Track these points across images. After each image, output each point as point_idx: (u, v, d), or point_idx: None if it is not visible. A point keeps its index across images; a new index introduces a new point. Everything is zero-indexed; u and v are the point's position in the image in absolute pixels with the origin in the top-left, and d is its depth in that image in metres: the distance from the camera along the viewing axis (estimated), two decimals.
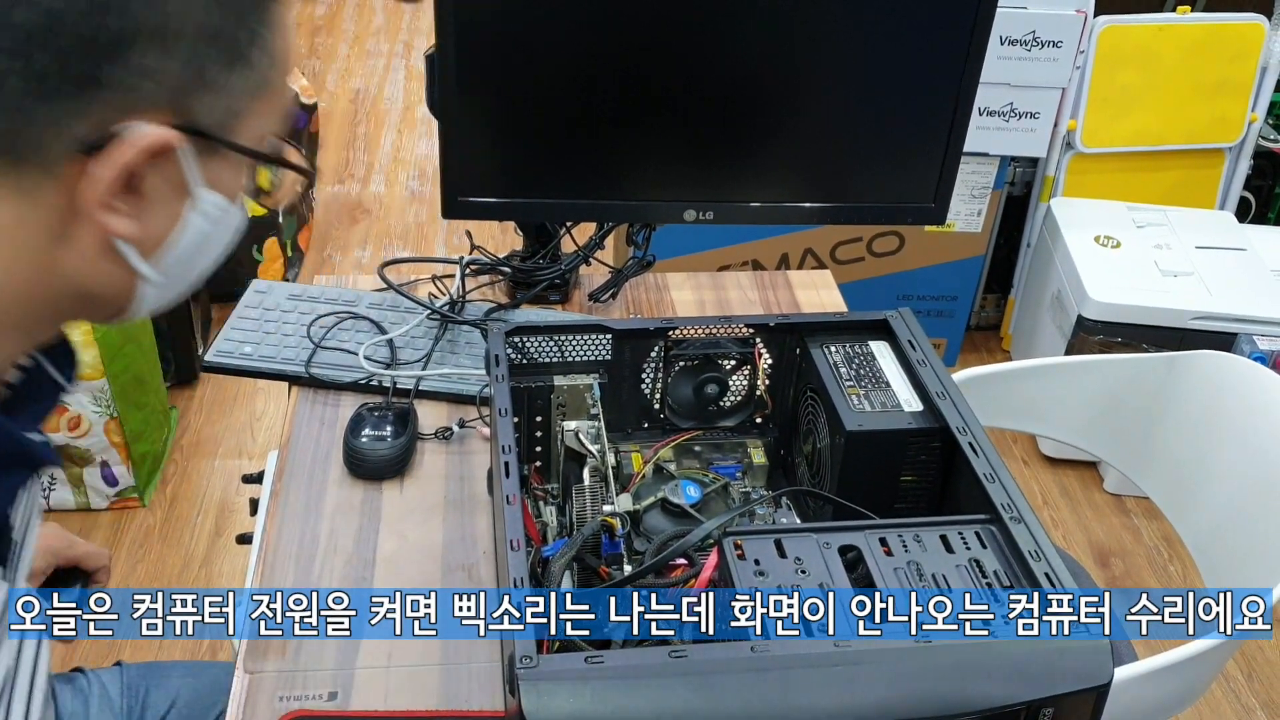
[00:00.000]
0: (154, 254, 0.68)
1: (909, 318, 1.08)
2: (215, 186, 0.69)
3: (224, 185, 0.70)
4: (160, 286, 0.70)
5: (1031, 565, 0.79)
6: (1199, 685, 1.21)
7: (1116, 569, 2.27)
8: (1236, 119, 2.54)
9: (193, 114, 0.65)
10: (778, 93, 1.29)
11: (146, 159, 0.63)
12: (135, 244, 0.66)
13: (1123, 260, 2.38)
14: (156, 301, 0.72)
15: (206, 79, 0.65)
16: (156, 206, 0.66)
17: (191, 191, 0.67)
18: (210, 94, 0.65)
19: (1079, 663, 0.73)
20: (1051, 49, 2.35)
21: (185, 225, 0.68)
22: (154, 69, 0.62)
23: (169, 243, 0.68)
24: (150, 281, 0.69)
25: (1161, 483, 1.48)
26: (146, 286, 0.69)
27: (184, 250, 0.69)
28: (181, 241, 0.69)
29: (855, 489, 0.97)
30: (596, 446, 1.03)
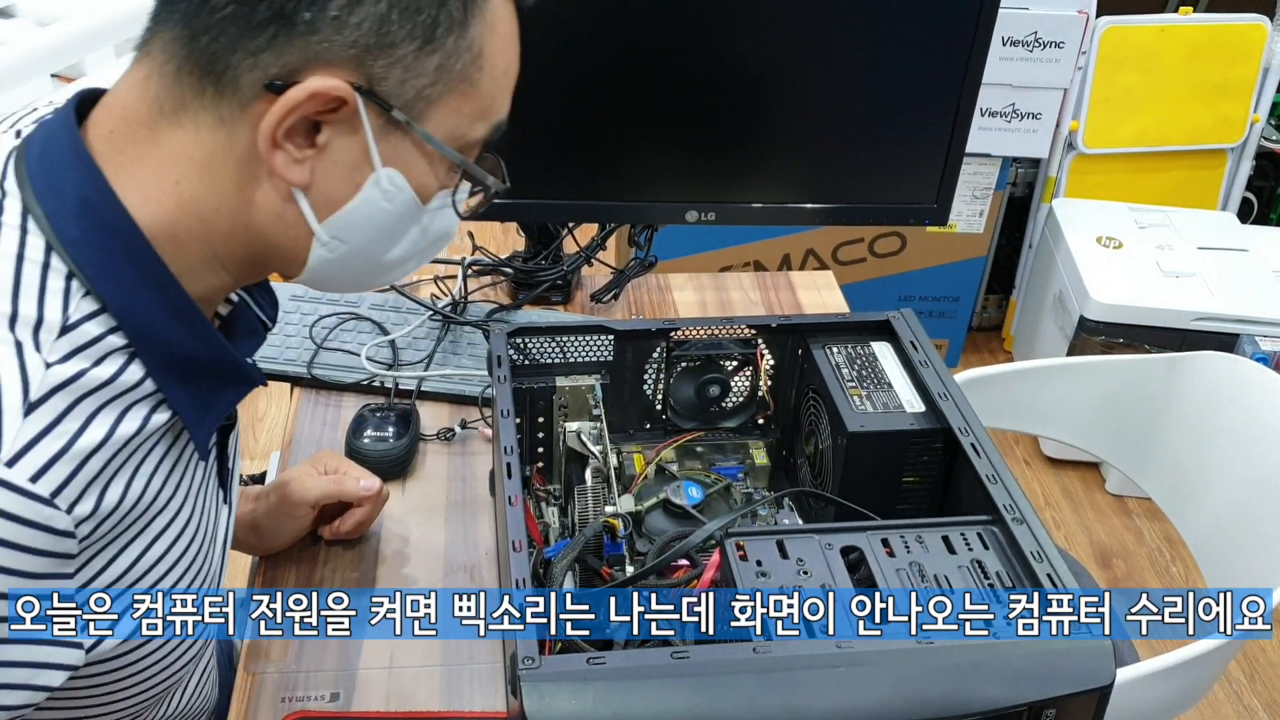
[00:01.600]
0: (328, 215, 0.72)
1: (911, 318, 1.08)
2: (399, 169, 0.72)
3: (410, 170, 0.73)
4: (334, 252, 0.74)
5: (1034, 566, 0.79)
6: (1201, 686, 1.21)
7: (1118, 570, 2.27)
8: (1238, 120, 2.53)
9: (375, 81, 0.68)
10: (780, 93, 1.29)
11: (320, 107, 0.67)
12: (306, 194, 0.70)
13: (1125, 261, 2.37)
14: (334, 271, 0.76)
15: (395, 50, 0.68)
16: (334, 167, 0.70)
17: (372, 163, 0.71)
18: (398, 67, 0.68)
19: (1081, 664, 0.73)
20: (1053, 50, 2.35)
21: (362, 196, 0.72)
22: (346, 22, 0.66)
23: (344, 209, 0.72)
24: (320, 240, 0.73)
25: (1163, 483, 1.48)
26: (318, 247, 0.73)
27: (356, 219, 0.73)
28: (355, 210, 0.72)
29: (857, 490, 0.97)
30: (598, 447, 1.03)
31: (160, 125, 0.69)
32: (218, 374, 0.75)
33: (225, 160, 0.69)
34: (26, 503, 0.63)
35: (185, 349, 0.71)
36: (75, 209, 0.67)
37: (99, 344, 0.67)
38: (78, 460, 0.65)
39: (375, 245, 0.76)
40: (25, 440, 0.63)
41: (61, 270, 0.67)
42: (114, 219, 0.68)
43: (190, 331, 0.72)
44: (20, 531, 0.63)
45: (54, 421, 0.64)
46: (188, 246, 0.71)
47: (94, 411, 0.66)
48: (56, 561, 0.66)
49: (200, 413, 0.74)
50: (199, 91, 0.68)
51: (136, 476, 0.70)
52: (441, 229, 0.80)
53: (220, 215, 0.71)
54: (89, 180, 0.68)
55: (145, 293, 0.69)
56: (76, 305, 0.67)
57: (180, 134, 0.69)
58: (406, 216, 0.76)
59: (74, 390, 0.65)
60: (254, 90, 0.67)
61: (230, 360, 0.75)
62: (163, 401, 0.71)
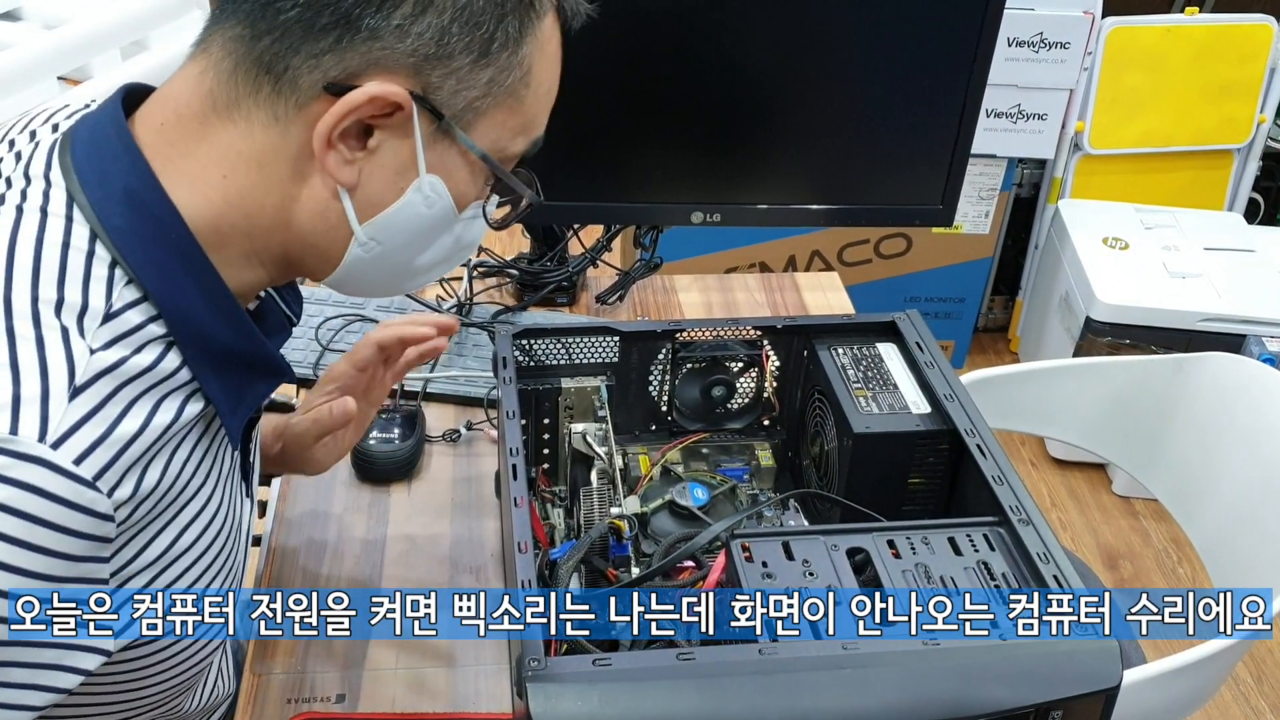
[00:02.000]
0: (369, 217, 0.74)
1: (917, 319, 1.08)
2: (442, 176, 0.74)
3: (452, 179, 0.75)
4: (369, 252, 0.75)
5: (1040, 568, 0.79)
6: (1208, 688, 1.21)
7: (1125, 571, 2.27)
8: (1245, 120, 2.53)
9: (430, 89, 0.70)
10: (785, 95, 1.29)
11: (378, 110, 0.69)
12: (351, 194, 0.72)
13: (1131, 262, 2.37)
14: (366, 271, 0.77)
15: (452, 62, 0.70)
16: (380, 170, 0.72)
17: (417, 169, 0.73)
18: (453, 78, 0.71)
19: (1087, 665, 0.73)
20: (1059, 50, 2.34)
21: (404, 200, 0.74)
22: (409, 31, 0.68)
23: (385, 211, 0.74)
24: (359, 241, 0.74)
25: (1170, 485, 1.48)
26: (355, 246, 0.75)
27: (396, 222, 0.75)
28: (396, 213, 0.74)
29: (863, 491, 0.97)
30: (604, 449, 1.03)
31: (212, 120, 0.70)
32: (252, 366, 0.76)
33: (276, 157, 0.71)
34: (71, 485, 0.63)
35: (222, 340, 0.73)
36: (121, 198, 0.69)
37: (140, 332, 0.68)
38: (119, 445, 0.66)
39: (409, 249, 0.78)
40: (70, 423, 0.64)
41: (105, 258, 0.68)
42: (159, 209, 0.69)
43: (227, 323, 0.73)
44: (63, 514, 0.64)
45: (98, 406, 0.65)
46: (230, 240, 0.73)
47: (134, 398, 0.68)
48: (95, 545, 0.67)
49: (234, 403, 0.75)
50: (255, 89, 0.69)
51: (172, 462, 0.71)
52: (471, 238, 0.82)
53: (264, 211, 0.72)
54: (135, 171, 0.69)
55: (186, 283, 0.70)
56: (119, 293, 0.68)
57: (232, 130, 0.70)
58: (442, 223, 0.77)
59: (116, 376, 0.66)
60: (313, 91, 0.69)
61: (264, 352, 0.77)
62: (197, 391, 0.72)
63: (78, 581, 0.67)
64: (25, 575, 0.63)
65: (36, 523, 0.62)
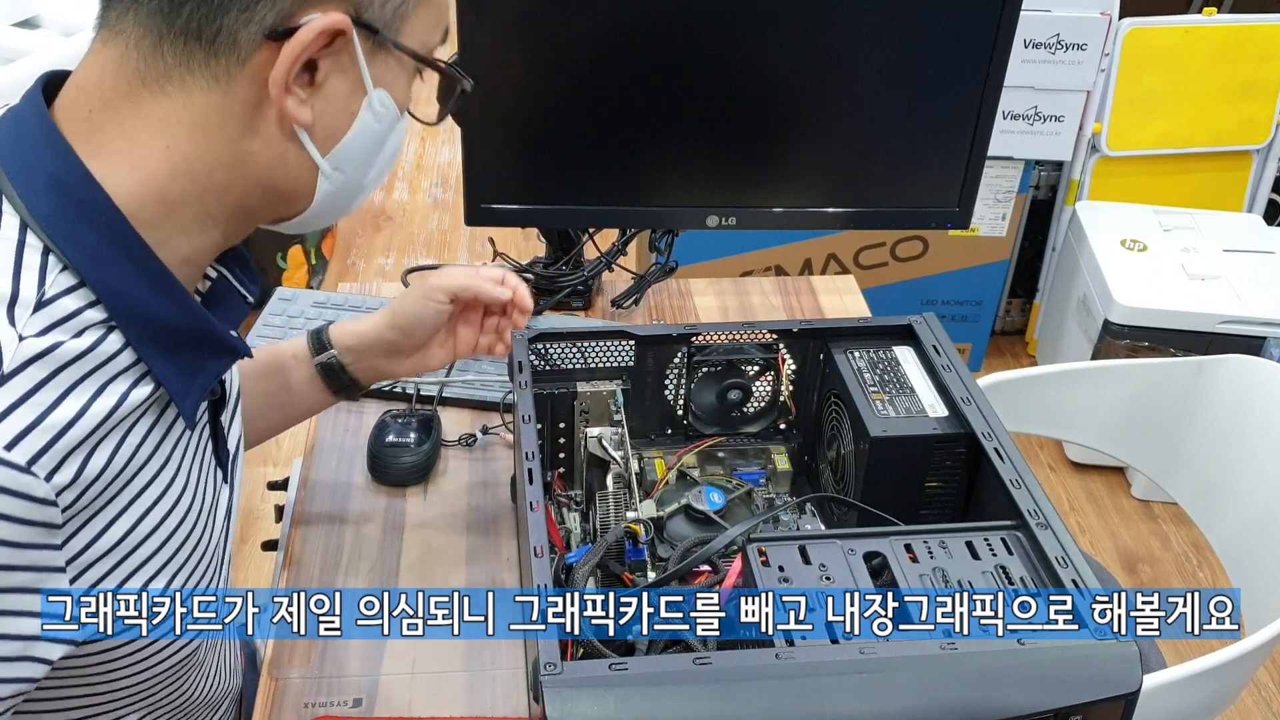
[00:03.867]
0: (330, 149, 0.75)
1: (933, 322, 1.08)
2: (385, 87, 0.75)
3: (394, 88, 0.77)
4: (334, 183, 0.77)
5: (1058, 571, 0.78)
6: (1229, 693, 1.20)
7: (1144, 575, 2.25)
8: (1264, 121, 2.51)
9: (361, 7, 0.71)
10: (800, 98, 1.29)
11: (323, 43, 0.70)
12: (311, 133, 0.73)
13: (1149, 264, 2.36)
14: (331, 203, 0.78)
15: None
16: (332, 101, 0.73)
17: (365, 88, 0.74)
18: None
19: (1107, 669, 0.73)
20: (1076, 52, 2.34)
21: (358, 122, 0.75)
22: None
23: (344, 138, 0.75)
24: (325, 175, 0.76)
25: (1190, 488, 1.47)
26: (323, 181, 0.76)
27: (356, 147, 0.76)
28: (355, 138, 0.76)
29: (880, 495, 0.97)
30: (620, 453, 1.02)
31: (143, 96, 0.70)
32: (200, 344, 0.75)
33: (223, 117, 0.71)
34: (4, 470, 0.63)
35: (164, 318, 0.72)
36: (47, 187, 0.69)
37: (77, 318, 0.68)
38: (55, 430, 0.66)
39: (366, 167, 0.79)
40: (0, 409, 0.63)
41: (37, 246, 0.68)
42: (85, 194, 0.69)
43: (169, 301, 0.72)
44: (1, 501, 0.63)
45: (29, 392, 0.65)
46: (179, 208, 0.72)
47: (73, 384, 0.67)
48: (41, 531, 0.66)
49: (185, 384, 0.74)
50: (187, 58, 0.69)
51: (122, 446, 0.71)
52: (396, 144, 0.83)
53: (215, 171, 0.72)
54: (59, 159, 0.69)
55: (121, 265, 0.70)
56: (53, 280, 0.68)
57: (167, 102, 0.70)
58: (393, 132, 0.79)
59: (50, 361, 0.66)
60: (253, 44, 0.69)
61: (211, 329, 0.76)
62: (146, 374, 0.72)
63: (30, 570, 0.67)
64: None
65: None
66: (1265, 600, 1.25)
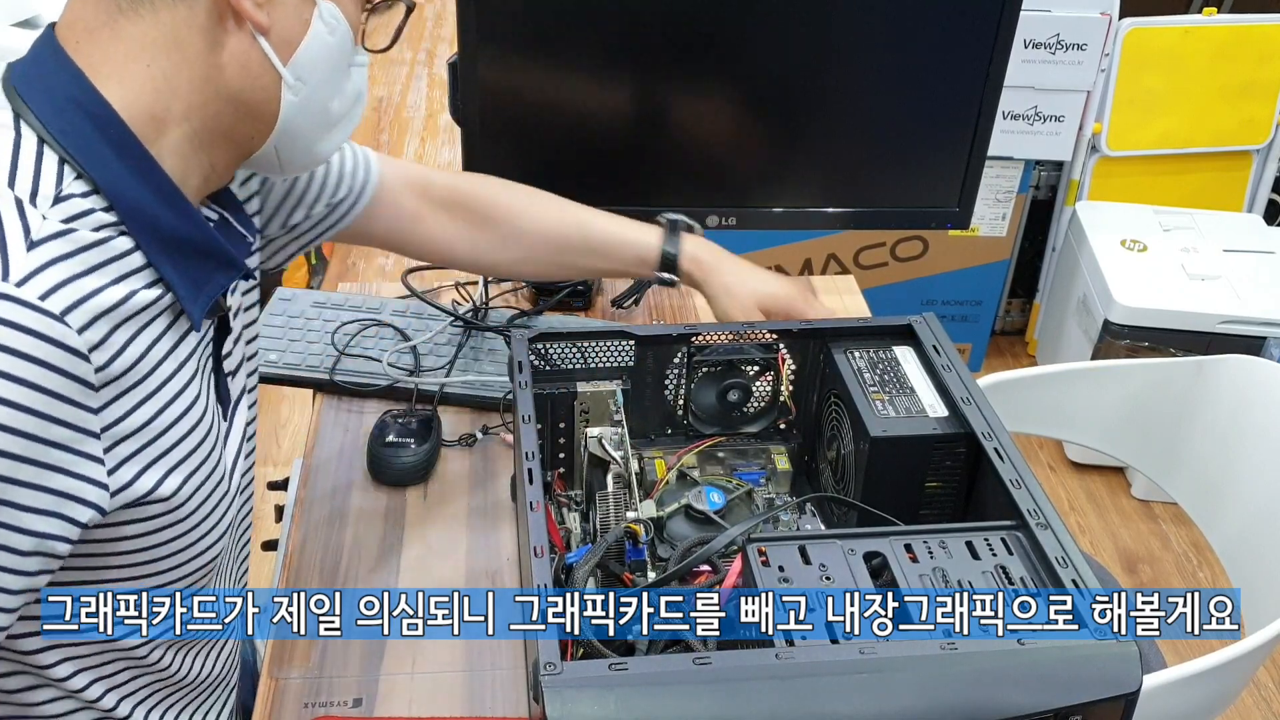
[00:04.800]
0: (288, 57, 0.79)
1: (933, 322, 1.08)
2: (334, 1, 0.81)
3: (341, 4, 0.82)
4: (298, 94, 0.81)
5: (1058, 571, 0.78)
6: (1229, 693, 1.20)
7: (1144, 575, 2.25)
8: (1264, 121, 2.51)
9: None
10: (800, 98, 1.29)
11: None
12: (269, 38, 0.78)
13: (1149, 264, 2.36)
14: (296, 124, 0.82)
15: None
16: (285, 7, 0.78)
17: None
18: None
19: (1107, 669, 0.72)
20: (1076, 52, 2.34)
21: (312, 30, 0.80)
22: None
23: (300, 46, 0.80)
24: (288, 84, 0.80)
25: (1190, 488, 1.47)
26: (286, 91, 0.80)
27: (310, 55, 0.80)
28: (308, 46, 0.80)
29: (880, 495, 0.97)
30: (620, 453, 1.02)
31: (119, 20, 0.75)
32: (205, 255, 0.80)
33: (189, 32, 0.75)
34: (40, 317, 0.67)
35: (171, 227, 0.76)
36: (63, 105, 0.74)
37: (92, 215, 0.73)
38: (82, 294, 0.70)
39: (327, 86, 0.83)
40: (32, 267, 0.68)
41: (53, 157, 0.73)
42: (95, 108, 0.74)
43: (174, 211, 0.77)
44: (37, 345, 0.67)
45: (56, 258, 0.69)
46: (168, 126, 0.77)
47: (91, 266, 0.72)
48: (78, 387, 0.70)
49: (193, 290, 0.79)
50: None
51: (139, 338, 0.75)
52: (358, 86, 0.88)
53: (193, 86, 0.77)
54: (74, 80, 0.74)
55: (130, 176, 0.74)
56: (69, 184, 0.72)
57: (140, 23, 0.75)
58: (344, 56, 0.84)
59: (70, 241, 0.71)
60: None
61: (215, 241, 0.80)
62: (157, 280, 0.76)
63: (68, 427, 0.70)
64: (10, 406, 0.67)
65: (12, 354, 0.66)
66: (1265, 600, 1.25)
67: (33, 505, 0.70)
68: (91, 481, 0.73)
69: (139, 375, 0.75)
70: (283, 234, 1.08)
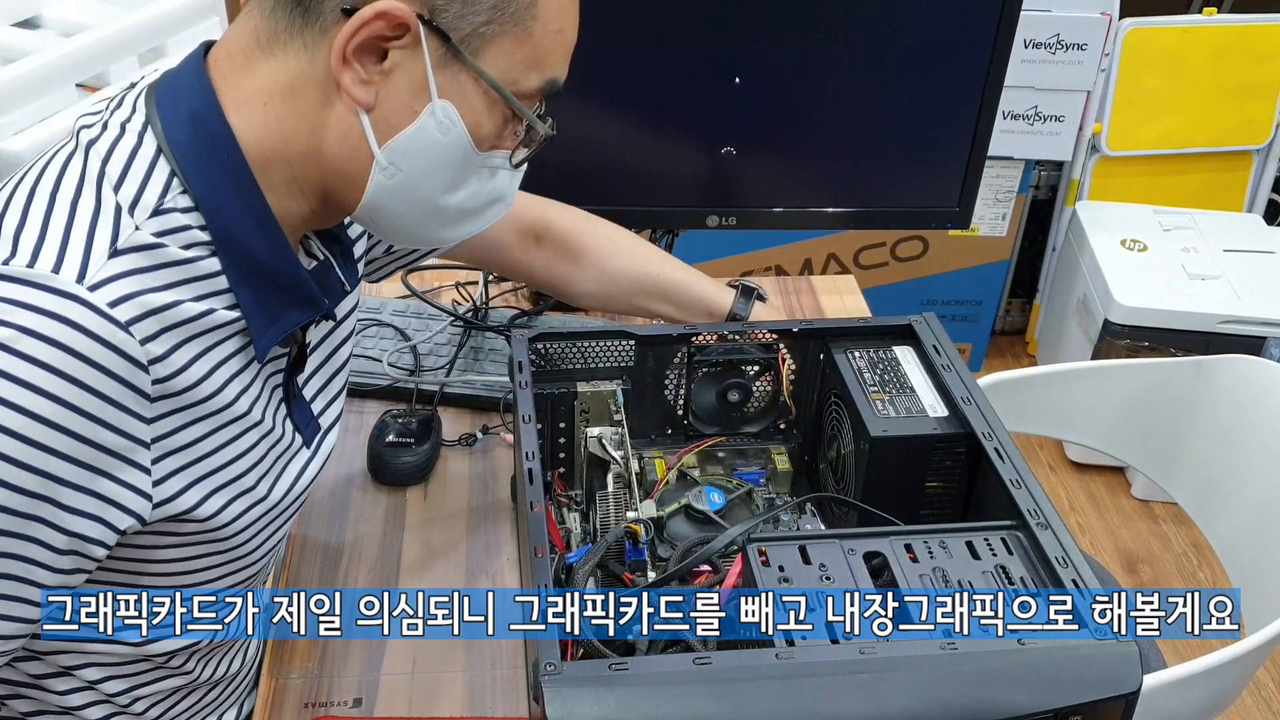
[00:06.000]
0: (387, 139, 0.78)
1: (933, 322, 1.08)
2: (455, 103, 0.78)
3: (466, 105, 0.78)
4: (391, 178, 0.79)
5: (1059, 571, 0.78)
6: (1229, 693, 1.20)
7: (1144, 575, 2.25)
8: (1264, 121, 2.51)
9: (436, 11, 0.75)
10: (801, 98, 1.29)
11: (385, 29, 0.73)
12: (370, 115, 0.77)
13: (1149, 264, 2.36)
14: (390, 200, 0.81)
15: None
16: (395, 93, 0.76)
17: (430, 93, 0.77)
18: (458, 1, 0.75)
19: (1107, 670, 0.72)
20: (1076, 52, 2.34)
21: (418, 123, 0.78)
22: None
23: (401, 134, 0.78)
24: (380, 165, 0.78)
25: (1190, 488, 1.47)
26: (376, 170, 0.79)
27: (412, 146, 0.78)
28: (411, 136, 0.78)
29: (880, 495, 0.97)
30: (620, 453, 1.02)
31: (255, 55, 0.77)
32: (288, 289, 0.81)
33: (305, 84, 0.76)
34: (104, 323, 0.69)
35: (260, 256, 0.78)
36: (186, 119, 0.76)
37: (185, 233, 0.75)
38: (151, 307, 0.72)
39: (431, 181, 0.81)
40: (108, 274, 0.70)
41: (165, 169, 0.75)
42: (217, 131, 0.76)
43: (268, 242, 0.78)
44: (98, 349, 0.69)
45: (134, 270, 0.72)
46: (273, 165, 0.78)
47: (172, 281, 0.74)
48: (133, 395, 0.71)
49: (265, 322, 0.79)
50: (290, 22, 0.75)
51: (205, 356, 0.76)
52: (498, 190, 0.86)
53: (299, 136, 0.78)
54: (201, 96, 0.77)
55: (233, 198, 0.76)
56: (173, 198, 0.74)
57: (272, 61, 0.77)
58: (462, 158, 0.81)
59: (156, 255, 0.73)
60: (334, 15, 0.74)
61: (300, 278, 0.81)
62: (235, 305, 0.77)
63: (120, 434, 0.71)
64: (65, 406, 0.68)
65: (73, 354, 0.68)
66: (1265, 600, 1.25)
67: (75, 506, 0.71)
68: (136, 490, 0.74)
69: (200, 395, 0.76)
70: (383, 256, 1.12)
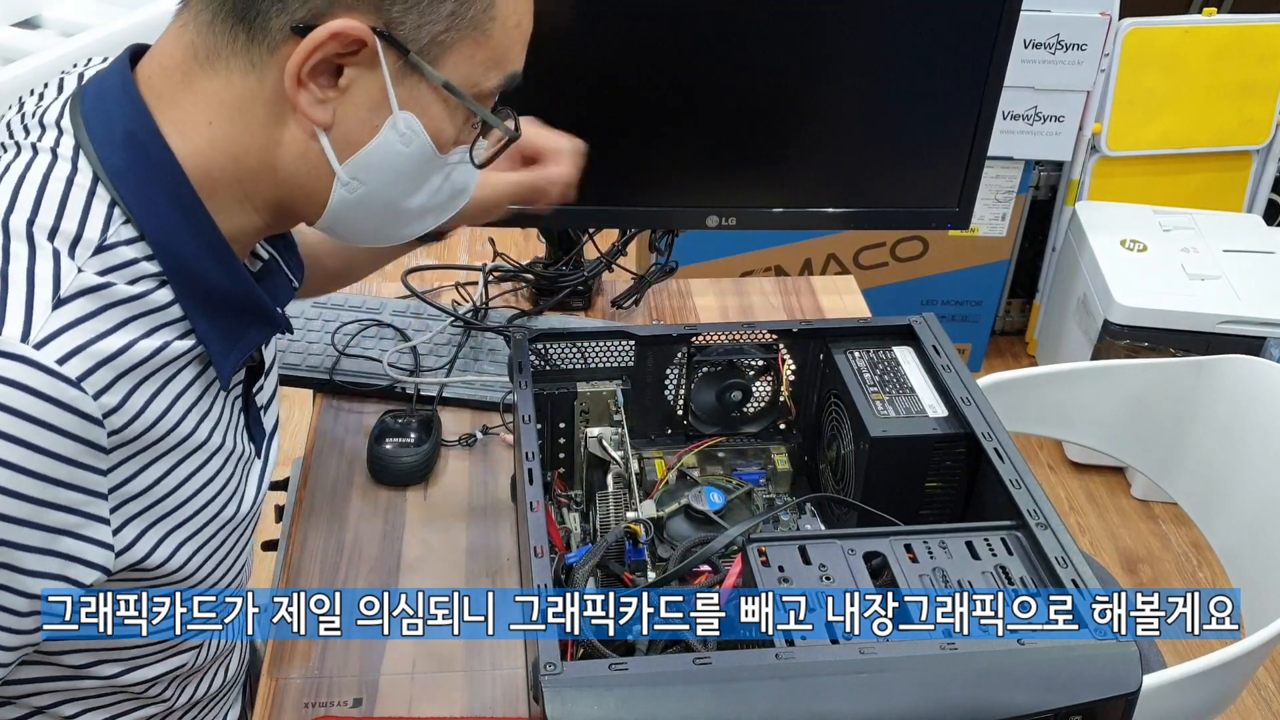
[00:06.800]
0: (348, 156, 0.76)
1: (933, 323, 1.08)
2: (416, 114, 0.76)
3: (427, 115, 0.77)
4: (351, 192, 0.78)
5: (1058, 571, 0.78)
6: (1229, 693, 1.20)
7: (1144, 575, 2.25)
8: (1264, 121, 2.51)
9: (392, 25, 0.72)
10: (801, 97, 1.28)
11: (341, 47, 0.71)
12: (328, 134, 0.75)
13: (1149, 264, 2.36)
14: (351, 213, 0.79)
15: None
16: (354, 109, 0.74)
17: (390, 106, 0.75)
18: (413, 12, 0.72)
19: (1107, 669, 0.72)
20: (1076, 52, 2.34)
21: (380, 138, 0.76)
22: None
23: (363, 150, 0.76)
24: (341, 181, 0.77)
25: (1190, 488, 1.47)
26: (338, 186, 0.77)
27: (374, 160, 0.77)
28: (373, 151, 0.76)
29: (880, 495, 0.97)
30: (620, 453, 1.02)
31: (195, 71, 0.74)
32: (244, 310, 0.79)
33: (254, 102, 0.74)
34: (54, 382, 0.66)
35: (213, 281, 0.75)
36: (122, 142, 0.73)
37: (133, 266, 0.71)
38: (103, 356, 0.69)
39: (394, 189, 0.80)
40: (54, 328, 0.67)
41: (105, 198, 0.72)
42: (156, 153, 0.73)
43: (220, 265, 0.76)
44: (50, 410, 0.66)
45: (81, 318, 0.68)
46: (220, 185, 0.75)
47: (121, 321, 0.70)
48: (86, 450, 0.69)
49: (226, 347, 0.78)
50: (232, 39, 0.72)
51: (162, 393, 0.74)
52: (460, 183, 0.84)
53: (249, 155, 0.75)
54: (136, 116, 0.73)
55: (180, 224, 0.73)
56: (116, 230, 0.71)
57: (214, 79, 0.73)
58: (424, 164, 0.79)
59: (102, 296, 0.69)
60: (282, 34, 0.71)
61: (256, 298, 0.79)
62: (190, 332, 0.75)
63: (76, 490, 0.69)
64: (19, 471, 0.66)
65: (23, 418, 0.65)
66: (1265, 600, 1.25)
67: (37, 569, 0.70)
68: (97, 543, 0.72)
69: (158, 434, 0.74)
70: None
